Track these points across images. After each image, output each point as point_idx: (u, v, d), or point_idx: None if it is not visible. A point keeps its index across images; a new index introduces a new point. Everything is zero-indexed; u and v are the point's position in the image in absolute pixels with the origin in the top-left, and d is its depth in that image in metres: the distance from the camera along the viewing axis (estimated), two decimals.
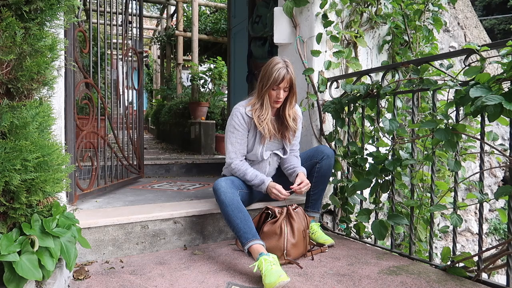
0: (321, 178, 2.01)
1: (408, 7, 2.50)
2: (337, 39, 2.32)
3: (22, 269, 1.04)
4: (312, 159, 2.03)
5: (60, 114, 1.67)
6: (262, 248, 1.55)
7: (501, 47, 1.40)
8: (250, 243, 1.57)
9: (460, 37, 3.41)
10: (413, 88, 1.77)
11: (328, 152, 2.01)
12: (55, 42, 1.19)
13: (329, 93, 2.25)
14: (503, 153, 1.39)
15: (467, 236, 3.51)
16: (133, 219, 1.77)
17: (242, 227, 1.61)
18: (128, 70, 2.91)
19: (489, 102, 1.25)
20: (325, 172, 2.00)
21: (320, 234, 1.94)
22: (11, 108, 1.10)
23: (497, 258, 1.43)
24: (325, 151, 2.02)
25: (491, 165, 3.55)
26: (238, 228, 1.62)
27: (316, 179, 2.01)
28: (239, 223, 1.63)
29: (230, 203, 1.67)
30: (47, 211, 1.23)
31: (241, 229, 1.61)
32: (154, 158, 4.13)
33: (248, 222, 1.64)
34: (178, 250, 1.84)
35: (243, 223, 1.63)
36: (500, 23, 15.59)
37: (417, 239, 2.11)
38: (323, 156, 1.99)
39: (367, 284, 1.44)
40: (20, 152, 1.07)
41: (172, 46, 8.13)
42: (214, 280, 1.45)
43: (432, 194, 1.68)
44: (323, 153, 2.01)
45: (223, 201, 1.68)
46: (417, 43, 2.55)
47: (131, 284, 1.41)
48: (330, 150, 2.03)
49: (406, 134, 1.91)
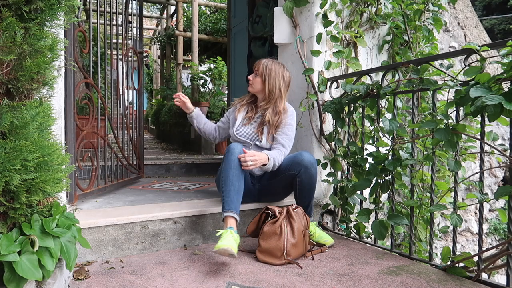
0: (305, 189, 1.94)
1: (408, 7, 2.50)
2: (337, 39, 2.32)
3: (22, 269, 1.04)
4: (290, 170, 1.94)
5: (60, 114, 1.67)
6: (233, 224, 1.69)
7: (501, 47, 1.40)
8: (229, 213, 1.70)
9: (460, 37, 3.41)
10: (413, 88, 1.77)
11: (306, 162, 1.89)
12: (55, 42, 1.19)
13: (329, 93, 2.25)
14: (503, 153, 1.39)
15: (467, 236, 3.51)
16: (133, 219, 1.77)
17: (232, 196, 1.73)
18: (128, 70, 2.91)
19: (489, 102, 1.25)
20: (307, 185, 1.92)
21: (319, 235, 1.93)
22: (11, 108, 1.10)
23: (497, 258, 1.43)
24: (302, 162, 1.89)
25: (491, 165, 3.55)
26: (228, 194, 1.74)
27: (299, 192, 1.95)
28: (231, 191, 1.74)
29: (235, 168, 1.77)
30: (47, 211, 1.23)
31: (230, 196, 1.73)
32: (154, 158, 4.13)
33: (239, 194, 1.76)
34: (178, 250, 1.84)
35: (234, 193, 1.74)
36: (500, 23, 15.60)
37: (417, 239, 2.11)
38: (300, 170, 1.89)
39: (367, 284, 1.44)
40: (20, 152, 1.07)
41: (172, 46, 8.12)
42: (214, 280, 1.45)
43: (432, 194, 1.68)
44: (300, 165, 1.89)
45: (230, 162, 1.78)
46: (417, 43, 2.55)
47: (131, 284, 1.41)
48: (308, 160, 1.90)
49: (406, 134, 1.91)
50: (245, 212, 2.04)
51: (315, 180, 1.94)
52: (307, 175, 1.90)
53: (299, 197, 1.97)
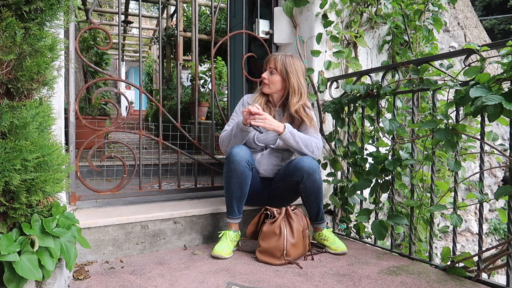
0: (312, 197, 1.83)
1: (408, 7, 2.49)
2: (337, 39, 2.32)
3: (22, 269, 1.04)
4: (293, 176, 1.82)
5: (60, 114, 1.67)
6: (234, 226, 1.84)
7: (501, 47, 1.40)
8: (233, 220, 1.83)
9: (460, 37, 3.41)
10: (413, 88, 1.77)
11: (308, 168, 1.76)
12: (55, 42, 1.19)
13: (329, 93, 2.25)
14: (503, 153, 1.39)
15: (467, 236, 3.51)
16: (133, 219, 1.77)
17: (234, 204, 1.81)
18: None
19: (489, 102, 1.25)
20: (312, 190, 1.80)
21: (332, 241, 1.84)
22: (11, 108, 1.10)
23: (497, 258, 1.43)
24: (303, 168, 1.76)
25: (491, 165, 3.55)
26: (230, 201, 1.82)
27: (306, 198, 1.85)
28: (233, 198, 1.80)
29: (236, 176, 1.76)
30: (47, 211, 1.23)
31: (232, 204, 1.81)
32: (154, 158, 4.13)
33: (241, 201, 1.82)
34: (178, 250, 1.84)
35: (236, 200, 1.80)
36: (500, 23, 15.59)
37: (417, 239, 2.11)
38: (303, 176, 1.77)
39: (367, 284, 1.44)
40: (20, 152, 1.07)
41: (172, 46, 8.12)
42: (214, 280, 1.45)
43: (432, 194, 1.68)
44: (301, 171, 1.77)
45: (230, 171, 1.76)
46: (417, 43, 2.55)
47: (131, 284, 1.41)
48: (309, 165, 1.77)
49: (406, 134, 1.91)
50: (245, 212, 2.04)
51: (320, 185, 1.82)
52: (310, 181, 1.78)
53: (307, 203, 1.87)
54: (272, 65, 1.89)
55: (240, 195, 1.80)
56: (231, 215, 1.83)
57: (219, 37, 7.39)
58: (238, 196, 1.79)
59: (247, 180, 1.78)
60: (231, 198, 1.80)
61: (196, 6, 6.09)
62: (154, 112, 8.17)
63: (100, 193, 1.98)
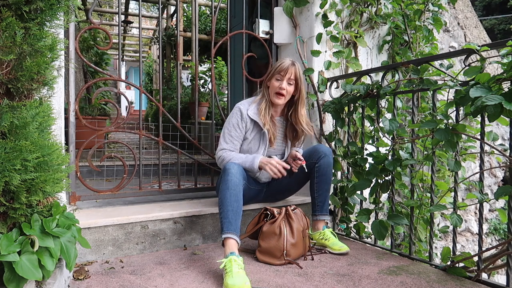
0: (323, 178, 1.92)
1: (408, 7, 2.50)
2: (337, 39, 2.32)
3: (22, 269, 1.04)
4: (310, 159, 1.93)
5: (60, 114, 1.67)
6: (235, 247, 1.54)
7: (501, 47, 1.40)
8: (229, 234, 1.56)
9: (460, 37, 3.41)
10: (413, 88, 1.77)
11: (325, 150, 1.93)
12: (55, 42, 1.19)
13: (329, 93, 2.25)
14: (503, 153, 1.39)
15: (467, 236, 3.51)
16: (133, 219, 1.77)
17: (230, 217, 1.60)
18: None
19: (489, 102, 1.25)
20: (325, 170, 1.91)
21: (334, 241, 1.85)
22: (11, 108, 1.10)
23: (497, 258, 1.43)
24: (321, 150, 1.93)
25: (491, 165, 3.55)
26: (226, 215, 1.60)
27: (318, 179, 1.93)
28: (229, 212, 1.60)
29: (233, 188, 1.64)
30: (47, 211, 1.23)
31: (228, 217, 1.59)
32: (154, 158, 4.13)
33: (238, 215, 1.62)
34: (178, 250, 1.84)
35: (233, 213, 1.61)
36: (500, 23, 15.59)
37: (417, 239, 2.11)
38: (320, 155, 1.91)
39: (367, 284, 1.44)
40: (20, 152, 1.07)
41: (172, 46, 8.12)
42: (214, 280, 1.45)
43: (432, 194, 1.68)
44: (319, 153, 1.92)
45: (226, 182, 1.64)
46: (417, 43, 2.55)
47: (131, 284, 1.41)
48: (327, 148, 1.95)
49: (406, 134, 1.91)
50: (245, 213, 2.04)
51: (331, 170, 1.95)
52: (325, 161, 1.90)
53: (317, 186, 1.93)
54: (292, 77, 1.87)
55: (237, 208, 1.64)
56: (228, 229, 1.58)
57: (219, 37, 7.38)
58: (235, 209, 1.63)
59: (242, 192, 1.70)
60: (227, 211, 1.62)
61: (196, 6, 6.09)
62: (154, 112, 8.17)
63: (100, 193, 1.98)
